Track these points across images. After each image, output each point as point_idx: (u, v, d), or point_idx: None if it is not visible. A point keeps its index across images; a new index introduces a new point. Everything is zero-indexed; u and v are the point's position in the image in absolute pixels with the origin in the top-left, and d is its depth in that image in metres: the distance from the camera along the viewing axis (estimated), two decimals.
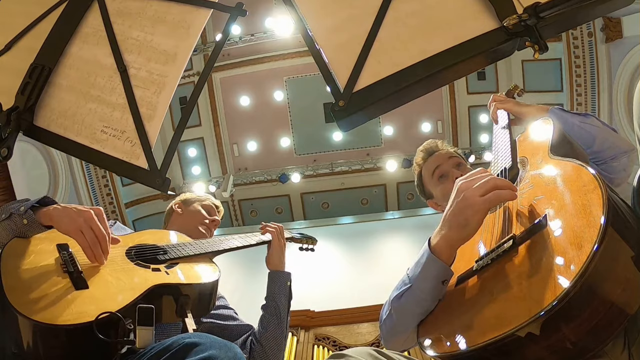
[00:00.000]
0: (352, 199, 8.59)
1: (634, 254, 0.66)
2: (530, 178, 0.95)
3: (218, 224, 1.86)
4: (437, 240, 0.92)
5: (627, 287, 0.64)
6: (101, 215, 1.15)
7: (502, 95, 1.62)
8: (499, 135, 1.34)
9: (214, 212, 1.90)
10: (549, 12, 0.84)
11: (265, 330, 1.51)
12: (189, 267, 1.31)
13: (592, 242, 0.64)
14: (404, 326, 0.96)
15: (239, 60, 7.54)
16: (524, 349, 0.66)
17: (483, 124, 7.98)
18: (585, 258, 0.63)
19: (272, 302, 1.56)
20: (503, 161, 1.09)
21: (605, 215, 0.66)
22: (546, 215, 0.78)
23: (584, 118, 1.33)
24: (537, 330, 0.64)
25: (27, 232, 1.16)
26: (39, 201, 1.18)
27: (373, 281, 5.22)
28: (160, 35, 1.12)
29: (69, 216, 1.12)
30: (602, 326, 0.64)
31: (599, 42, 5.81)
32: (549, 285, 0.66)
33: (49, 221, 1.14)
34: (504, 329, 0.66)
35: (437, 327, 0.88)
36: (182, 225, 1.75)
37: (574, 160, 0.86)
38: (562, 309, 0.62)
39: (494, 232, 0.89)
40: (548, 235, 0.74)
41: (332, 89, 0.95)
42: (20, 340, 0.97)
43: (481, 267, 0.84)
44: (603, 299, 0.64)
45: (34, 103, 1.08)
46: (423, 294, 0.92)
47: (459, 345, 0.74)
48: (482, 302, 0.79)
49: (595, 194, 0.71)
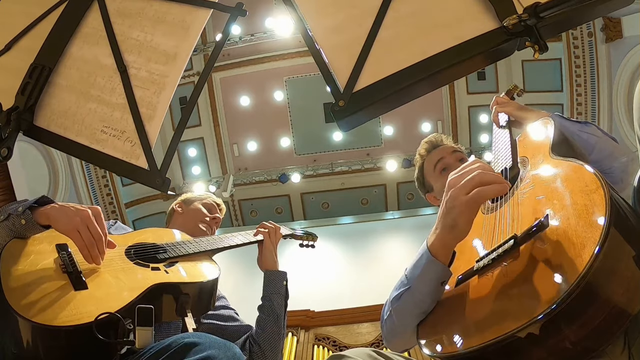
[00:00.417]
0: (352, 199, 8.59)
1: (635, 253, 0.65)
2: (531, 178, 0.95)
3: (219, 222, 1.86)
4: (433, 240, 0.91)
5: (629, 288, 0.64)
6: (99, 215, 1.15)
7: (504, 97, 1.61)
8: (499, 135, 1.34)
9: (214, 209, 1.89)
10: (549, 12, 0.84)
11: (263, 330, 1.50)
12: (188, 266, 1.31)
13: (595, 243, 0.63)
14: (404, 326, 0.96)
15: (239, 60, 7.54)
16: (524, 350, 0.66)
17: (483, 124, 7.98)
18: (588, 259, 0.62)
19: (268, 302, 1.55)
20: (504, 161, 1.09)
21: (608, 216, 0.65)
22: (547, 216, 0.77)
23: (584, 126, 1.31)
24: (537, 331, 0.63)
25: (25, 232, 1.16)
26: (37, 201, 1.17)
27: (373, 281, 5.22)
28: (161, 35, 1.11)
29: (66, 215, 1.12)
30: (603, 327, 0.63)
31: (599, 42, 5.81)
32: (551, 286, 0.65)
33: (47, 220, 1.13)
34: (503, 330, 0.66)
35: (437, 328, 0.88)
36: (183, 224, 1.75)
37: (574, 160, 0.86)
38: (564, 310, 0.62)
39: (495, 232, 0.89)
40: (549, 235, 0.73)
41: (332, 89, 0.95)
42: (20, 341, 0.97)
43: (481, 267, 0.84)
44: (605, 300, 0.63)
45: (34, 103, 1.07)
46: (422, 295, 0.91)
47: (457, 345, 0.74)
48: (482, 302, 0.78)
49: (598, 194, 0.71)
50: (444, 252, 0.89)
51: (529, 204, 0.86)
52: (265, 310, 1.54)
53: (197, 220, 1.80)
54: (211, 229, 1.81)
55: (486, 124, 7.96)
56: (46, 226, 1.15)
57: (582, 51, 6.08)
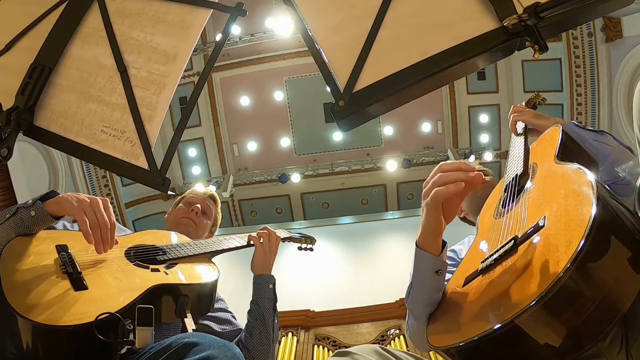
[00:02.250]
0: (352, 199, 8.60)
1: (631, 254, 0.68)
2: (536, 183, 1.00)
3: (199, 210, 1.77)
4: (419, 235, 1.03)
5: (617, 285, 0.67)
6: (107, 205, 1.19)
7: (522, 106, 1.63)
8: (515, 143, 1.37)
9: (194, 200, 1.81)
10: (549, 12, 0.84)
11: (251, 335, 1.48)
12: (188, 268, 1.31)
13: (579, 239, 0.67)
14: (418, 321, 1.03)
15: (239, 60, 7.55)
16: (512, 343, 0.69)
17: (483, 124, 7.99)
18: (571, 254, 0.66)
19: (255, 306, 1.53)
20: (516, 168, 1.14)
21: (594, 214, 0.68)
22: (545, 217, 0.81)
23: (599, 135, 1.34)
24: (525, 324, 0.67)
25: (34, 225, 1.18)
26: (46, 194, 1.21)
27: (373, 281, 5.23)
28: (161, 35, 1.11)
29: (76, 198, 1.17)
30: (592, 321, 0.66)
31: (599, 42, 5.82)
32: (536, 282, 0.69)
33: (57, 205, 1.18)
34: (490, 325, 0.71)
35: (438, 325, 0.94)
36: (170, 227, 1.72)
37: (575, 165, 0.89)
38: (548, 303, 0.65)
39: (501, 235, 0.94)
40: (544, 235, 0.77)
41: (332, 89, 0.95)
42: (20, 341, 0.97)
43: (484, 268, 0.88)
44: (591, 294, 0.66)
45: (34, 103, 1.07)
46: (423, 286, 1.00)
47: (453, 340, 0.78)
48: (480, 299, 0.83)
49: (588, 194, 0.74)
50: (428, 244, 1.00)
51: (532, 207, 0.90)
52: (253, 314, 1.52)
53: (178, 218, 1.75)
54: (192, 222, 1.74)
55: (486, 124, 7.96)
56: (56, 217, 1.19)
57: (582, 51, 6.08)
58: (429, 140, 8.25)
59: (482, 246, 0.99)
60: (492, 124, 7.96)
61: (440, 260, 1.00)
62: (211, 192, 1.92)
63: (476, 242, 1.06)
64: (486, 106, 7.85)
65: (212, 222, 1.85)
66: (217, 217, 1.89)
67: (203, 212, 1.79)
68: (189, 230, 1.71)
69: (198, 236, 1.74)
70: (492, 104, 7.79)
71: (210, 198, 1.87)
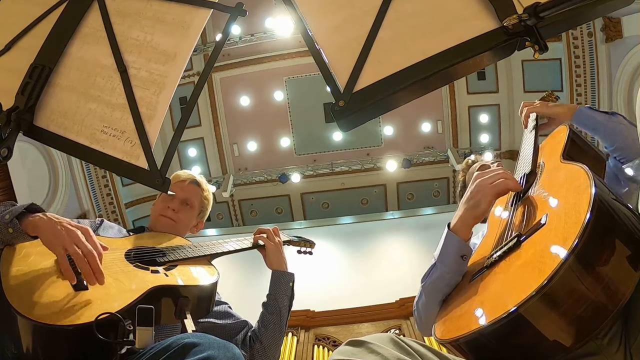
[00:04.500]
0: (352, 199, 8.60)
1: (630, 252, 0.70)
2: (542, 182, 1.03)
3: (175, 199, 1.68)
4: (455, 220, 1.07)
5: (612, 282, 0.69)
6: (87, 233, 1.08)
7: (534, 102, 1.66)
8: (525, 140, 1.40)
9: (172, 198, 1.71)
10: (549, 12, 0.84)
11: (266, 329, 1.51)
12: (187, 270, 1.31)
13: (575, 236, 0.69)
14: (432, 303, 1.05)
15: (239, 60, 7.55)
16: (512, 335, 0.72)
17: (483, 124, 7.99)
18: (567, 251, 0.68)
19: (273, 301, 1.55)
20: (525, 166, 1.17)
21: (590, 212, 0.71)
22: (547, 215, 0.84)
23: (611, 116, 1.41)
24: (523, 318, 0.69)
25: (12, 241, 1.12)
26: (25, 208, 1.12)
27: (373, 281, 5.22)
28: (160, 35, 1.11)
29: (53, 231, 1.06)
30: (588, 315, 0.69)
31: (599, 42, 5.82)
32: (536, 276, 0.71)
33: (35, 231, 1.08)
34: (486, 319, 0.74)
35: (444, 318, 0.97)
36: (152, 223, 1.69)
37: (577, 164, 0.92)
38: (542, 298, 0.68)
39: (507, 233, 0.97)
40: (544, 232, 0.81)
41: (332, 89, 0.95)
42: (20, 341, 0.97)
43: (490, 263, 0.91)
44: (586, 289, 0.68)
45: (34, 103, 1.07)
46: (446, 267, 1.03)
47: (459, 332, 0.81)
48: (484, 292, 0.86)
49: (586, 193, 0.76)
50: (463, 229, 1.05)
51: (537, 205, 0.93)
52: (270, 308, 1.54)
53: (157, 215, 1.69)
54: (167, 217, 1.67)
55: (486, 123, 7.96)
56: (34, 237, 1.09)
57: (582, 51, 6.08)
58: (429, 140, 8.26)
59: (490, 242, 1.03)
60: (492, 124, 7.96)
61: (467, 246, 1.04)
62: (193, 177, 1.78)
63: (486, 238, 1.10)
64: (486, 106, 7.85)
65: (198, 209, 1.75)
66: (204, 202, 1.78)
67: (185, 204, 1.71)
68: (166, 228, 1.65)
69: (184, 229, 1.70)
70: (492, 104, 7.79)
71: (193, 183, 1.76)
